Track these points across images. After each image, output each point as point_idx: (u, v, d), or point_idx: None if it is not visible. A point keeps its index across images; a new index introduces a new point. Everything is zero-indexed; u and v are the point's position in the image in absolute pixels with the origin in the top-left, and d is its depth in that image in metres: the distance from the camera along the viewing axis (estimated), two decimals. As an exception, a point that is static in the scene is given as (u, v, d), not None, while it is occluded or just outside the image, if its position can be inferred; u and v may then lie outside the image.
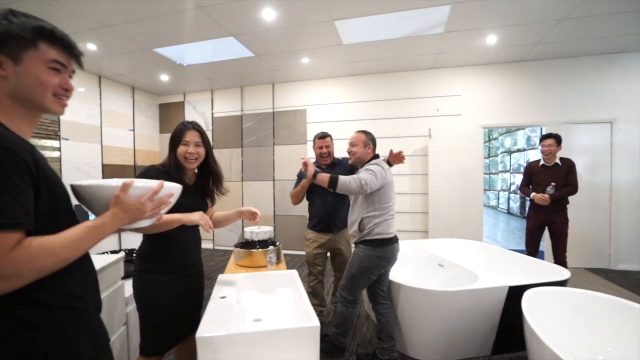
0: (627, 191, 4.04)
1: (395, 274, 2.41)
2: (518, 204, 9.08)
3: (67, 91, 0.78)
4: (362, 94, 4.90)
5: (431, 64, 4.44)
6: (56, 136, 4.14)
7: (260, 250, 2.28)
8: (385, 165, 2.11)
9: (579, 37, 3.57)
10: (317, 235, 2.61)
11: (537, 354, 1.51)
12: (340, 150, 2.84)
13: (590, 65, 4.11)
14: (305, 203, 2.70)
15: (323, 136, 2.61)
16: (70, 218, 0.79)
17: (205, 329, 1.13)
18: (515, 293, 2.01)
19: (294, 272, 1.76)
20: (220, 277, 1.70)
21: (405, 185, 4.71)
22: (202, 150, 1.48)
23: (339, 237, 2.60)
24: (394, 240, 2.08)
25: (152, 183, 0.89)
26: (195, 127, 1.49)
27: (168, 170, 1.44)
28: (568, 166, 3.21)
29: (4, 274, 0.60)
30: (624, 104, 4.03)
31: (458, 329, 2.13)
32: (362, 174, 1.98)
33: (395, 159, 2.27)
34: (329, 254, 2.70)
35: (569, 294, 1.94)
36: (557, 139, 3.25)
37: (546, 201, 3.16)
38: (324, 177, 2.00)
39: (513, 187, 9.29)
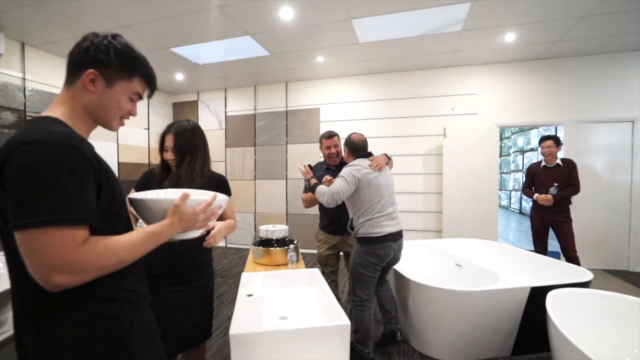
0: (648, 192, 3.95)
1: (413, 273, 2.41)
2: (530, 203, 8.95)
3: (130, 115, 0.86)
4: (377, 92, 4.88)
5: (447, 62, 4.40)
6: (75, 134, 4.22)
7: (278, 248, 2.29)
8: (362, 166, 2.07)
9: (601, 34, 3.49)
10: (328, 236, 2.58)
11: (563, 355, 1.49)
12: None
13: (611, 62, 4.02)
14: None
15: (330, 135, 2.48)
16: (126, 218, 0.82)
17: (238, 326, 1.15)
18: (537, 294, 1.99)
19: (316, 271, 1.77)
20: (244, 275, 1.73)
21: (419, 184, 4.68)
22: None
23: (350, 239, 2.56)
24: (385, 240, 2.03)
25: (206, 195, 0.94)
26: (173, 129, 1.38)
27: (158, 171, 1.43)
28: (569, 167, 3.23)
29: (71, 268, 0.62)
30: (646, 102, 3.93)
31: (478, 329, 2.11)
32: (335, 183, 2.06)
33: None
34: (341, 253, 2.68)
35: (593, 295, 1.91)
36: (556, 140, 3.27)
37: (549, 201, 3.17)
38: (312, 183, 2.21)
39: (526, 187, 9.16)
